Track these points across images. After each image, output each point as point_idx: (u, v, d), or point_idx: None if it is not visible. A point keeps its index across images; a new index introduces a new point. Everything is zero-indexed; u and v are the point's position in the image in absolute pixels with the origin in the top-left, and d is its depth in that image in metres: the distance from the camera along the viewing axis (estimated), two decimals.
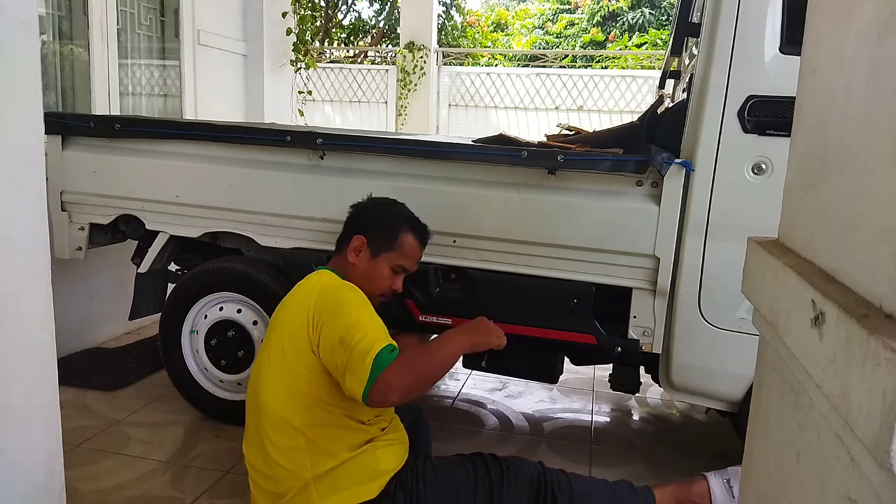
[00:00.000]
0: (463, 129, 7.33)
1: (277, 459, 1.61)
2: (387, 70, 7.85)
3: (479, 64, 11.25)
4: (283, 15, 4.95)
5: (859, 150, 0.63)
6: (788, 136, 0.91)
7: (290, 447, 1.60)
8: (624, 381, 2.40)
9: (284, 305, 1.72)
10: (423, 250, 1.93)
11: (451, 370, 3.27)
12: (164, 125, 2.76)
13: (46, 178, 1.54)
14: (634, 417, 2.91)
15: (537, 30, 14.74)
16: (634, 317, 2.11)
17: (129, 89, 3.89)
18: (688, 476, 2.03)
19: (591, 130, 3.10)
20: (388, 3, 11.63)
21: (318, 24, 7.97)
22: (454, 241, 2.21)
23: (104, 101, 3.61)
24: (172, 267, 2.78)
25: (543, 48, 13.57)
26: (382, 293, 1.85)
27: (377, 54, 10.92)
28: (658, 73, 4.94)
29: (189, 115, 4.28)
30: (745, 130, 1.89)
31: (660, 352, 2.11)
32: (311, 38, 5.52)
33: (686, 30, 2.29)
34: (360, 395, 1.47)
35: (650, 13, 13.14)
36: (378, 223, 1.86)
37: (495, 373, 2.84)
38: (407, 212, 1.93)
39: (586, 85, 7.32)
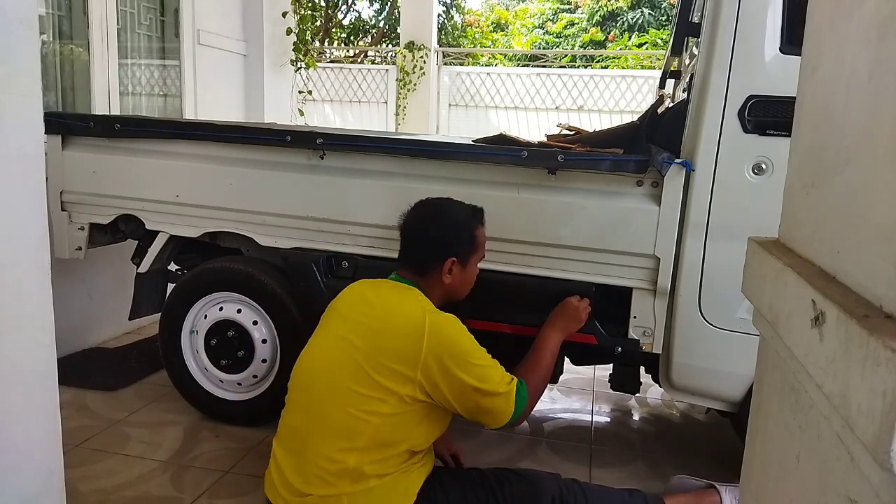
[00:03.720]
0: (463, 129, 7.32)
1: (317, 472, 1.54)
2: (387, 70, 7.84)
3: (479, 64, 11.23)
4: (283, 15, 4.95)
5: (859, 150, 0.63)
6: (788, 136, 0.91)
7: (338, 463, 1.53)
8: (624, 381, 2.40)
9: (376, 316, 1.61)
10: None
11: None
12: (164, 125, 2.76)
13: (46, 178, 1.54)
14: (634, 417, 2.91)
15: (537, 29, 14.74)
16: (634, 317, 2.11)
17: (129, 89, 3.89)
18: (688, 475, 2.03)
19: (591, 130, 3.10)
20: (388, 3, 11.63)
21: (318, 24, 7.97)
22: None
23: (104, 101, 3.61)
24: (172, 267, 2.78)
25: (543, 48, 13.57)
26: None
27: (377, 54, 10.92)
28: (658, 73, 4.94)
29: (189, 115, 4.28)
30: (746, 130, 1.89)
31: (660, 352, 2.11)
32: (311, 37, 5.52)
33: (686, 30, 2.29)
34: (498, 427, 1.63)
35: (650, 13, 13.14)
36: (457, 236, 1.78)
37: None
38: (463, 206, 1.84)
39: (586, 85, 7.31)
